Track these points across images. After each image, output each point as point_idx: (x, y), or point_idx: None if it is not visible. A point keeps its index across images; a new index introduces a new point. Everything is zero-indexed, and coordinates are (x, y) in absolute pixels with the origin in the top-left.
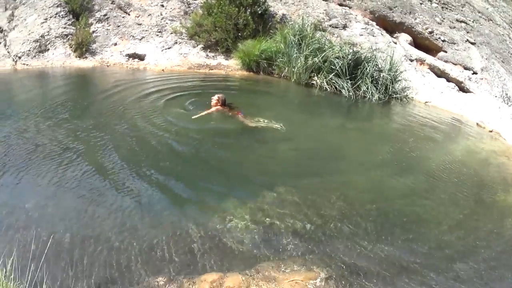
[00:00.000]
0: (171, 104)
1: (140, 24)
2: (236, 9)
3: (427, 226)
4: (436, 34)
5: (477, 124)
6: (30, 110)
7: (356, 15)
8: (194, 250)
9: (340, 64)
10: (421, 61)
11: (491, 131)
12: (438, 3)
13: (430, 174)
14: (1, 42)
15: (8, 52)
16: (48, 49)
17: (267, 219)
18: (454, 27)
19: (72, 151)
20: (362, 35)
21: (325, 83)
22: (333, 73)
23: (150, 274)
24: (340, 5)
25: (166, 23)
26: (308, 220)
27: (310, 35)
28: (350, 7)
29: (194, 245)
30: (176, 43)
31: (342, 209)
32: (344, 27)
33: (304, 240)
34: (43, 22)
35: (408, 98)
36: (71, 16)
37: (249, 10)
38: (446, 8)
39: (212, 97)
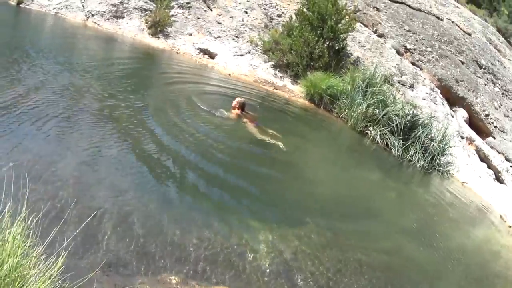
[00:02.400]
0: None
1: (220, 23)
2: (316, 38)
3: None
4: (490, 118)
5: (501, 216)
6: (89, 69)
7: (425, 79)
8: (213, 260)
9: (397, 121)
10: (471, 141)
11: (510, 227)
12: (500, 89)
13: (447, 254)
14: None
15: (83, 6)
16: (123, 17)
17: (290, 251)
18: (508, 116)
19: (116, 124)
20: (425, 99)
21: (378, 136)
22: (388, 129)
23: (166, 270)
24: (413, 64)
25: (245, 30)
26: (325, 265)
27: (378, 85)
28: (421, 69)
29: (214, 256)
30: (249, 52)
31: (360, 262)
32: (411, 86)
33: (315, 284)
34: None
35: (449, 173)
36: None
37: (327, 43)
38: (506, 96)
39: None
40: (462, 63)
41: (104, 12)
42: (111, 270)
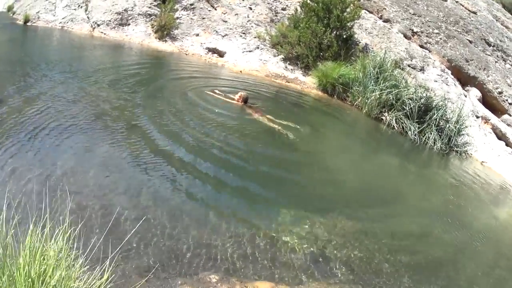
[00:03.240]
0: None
1: (225, 21)
2: (323, 28)
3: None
4: (504, 96)
5: None
6: (101, 76)
7: (434, 61)
8: (248, 255)
9: (412, 105)
10: (486, 120)
11: None
12: (511, 65)
13: (475, 233)
14: (82, 7)
15: (88, 17)
16: (129, 24)
17: (321, 241)
18: None
19: (132, 126)
20: (436, 81)
21: (394, 121)
22: (403, 113)
23: (204, 269)
24: (421, 46)
25: (251, 26)
26: (357, 252)
27: (389, 70)
28: (430, 51)
29: (248, 250)
30: (258, 48)
31: (390, 247)
32: (421, 69)
33: (350, 271)
34: None
35: (467, 154)
36: None
37: (335, 32)
38: None
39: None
40: (470, 42)
41: (109, 21)
42: (150, 275)
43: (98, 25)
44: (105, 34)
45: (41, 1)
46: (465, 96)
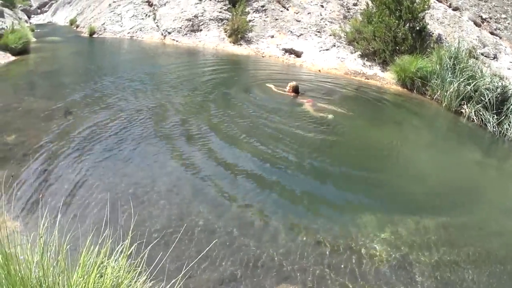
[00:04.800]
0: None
1: (299, 21)
2: (396, 21)
3: None
4: None
5: None
6: (179, 84)
7: (506, 47)
8: (330, 263)
9: (489, 96)
10: None
11: None
12: None
13: None
14: (150, 16)
15: (157, 26)
16: (201, 30)
17: (405, 246)
18: None
19: (212, 137)
20: (509, 69)
21: (473, 114)
22: (481, 105)
23: (282, 279)
24: (491, 33)
25: (325, 24)
26: (441, 257)
27: (465, 60)
28: (500, 37)
29: (330, 259)
30: (334, 46)
31: (475, 250)
32: (494, 57)
33: (437, 278)
34: (197, 3)
35: None
36: (227, 2)
37: (408, 25)
38: None
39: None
40: None
41: (180, 28)
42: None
43: (169, 33)
44: (177, 41)
45: (106, 13)
46: None
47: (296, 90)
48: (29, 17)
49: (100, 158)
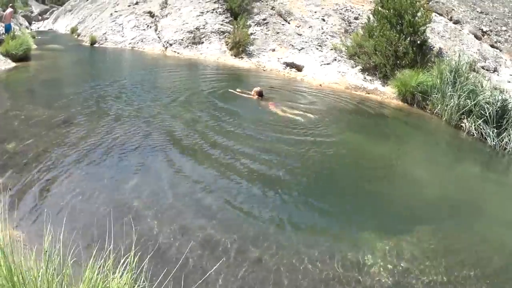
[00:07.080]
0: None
1: (300, 35)
2: (397, 35)
3: None
4: None
5: None
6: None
7: (506, 60)
8: (329, 280)
9: (490, 110)
10: None
11: None
12: None
13: None
14: (151, 27)
15: (159, 37)
16: (203, 42)
17: (406, 260)
18: None
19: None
20: (509, 82)
21: (473, 128)
22: (482, 119)
23: None
24: (492, 46)
25: (327, 38)
26: (443, 271)
27: (466, 74)
28: (500, 50)
29: (329, 275)
30: (335, 60)
31: (476, 264)
32: (495, 70)
33: None
34: (199, 16)
35: None
36: (228, 15)
37: (409, 39)
38: None
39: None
40: None
41: (182, 40)
42: None
43: (170, 44)
44: (178, 53)
45: (108, 22)
46: None
47: (260, 94)
48: (30, 24)
49: (101, 166)
